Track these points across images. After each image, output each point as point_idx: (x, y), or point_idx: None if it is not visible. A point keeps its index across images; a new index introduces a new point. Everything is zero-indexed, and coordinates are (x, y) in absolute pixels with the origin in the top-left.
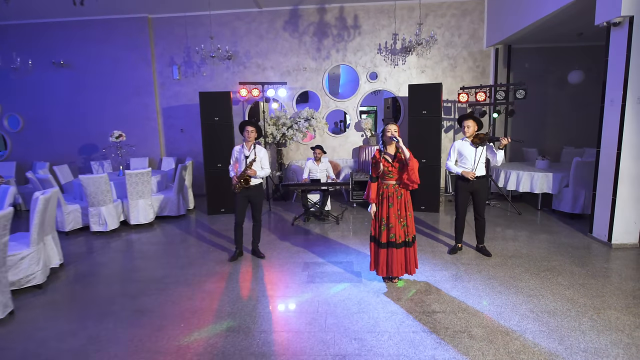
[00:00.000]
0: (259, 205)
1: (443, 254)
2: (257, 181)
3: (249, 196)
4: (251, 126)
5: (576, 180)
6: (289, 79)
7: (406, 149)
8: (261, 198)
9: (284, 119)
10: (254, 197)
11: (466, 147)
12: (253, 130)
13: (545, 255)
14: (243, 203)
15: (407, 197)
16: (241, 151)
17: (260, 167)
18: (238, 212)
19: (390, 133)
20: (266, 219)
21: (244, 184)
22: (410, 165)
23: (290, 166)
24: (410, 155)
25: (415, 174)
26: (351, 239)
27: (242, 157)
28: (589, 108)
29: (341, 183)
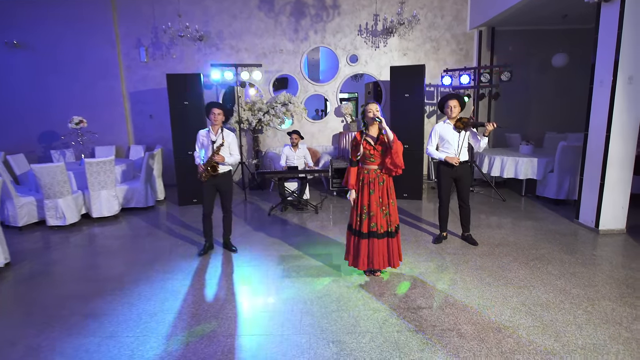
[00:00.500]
0: (229, 194)
1: (427, 244)
2: (225, 168)
3: (217, 185)
4: (218, 108)
5: (561, 165)
6: (264, 62)
7: (390, 130)
8: (230, 187)
9: (260, 103)
10: (222, 185)
11: (448, 131)
12: (220, 112)
13: (532, 243)
14: (211, 192)
15: (390, 183)
16: (207, 136)
17: (228, 153)
18: (206, 202)
19: (372, 113)
20: (241, 209)
21: (211, 171)
22: (394, 148)
23: (267, 153)
24: (394, 138)
25: (399, 157)
26: (331, 229)
27: (208, 143)
28: (573, 93)
29: (320, 170)
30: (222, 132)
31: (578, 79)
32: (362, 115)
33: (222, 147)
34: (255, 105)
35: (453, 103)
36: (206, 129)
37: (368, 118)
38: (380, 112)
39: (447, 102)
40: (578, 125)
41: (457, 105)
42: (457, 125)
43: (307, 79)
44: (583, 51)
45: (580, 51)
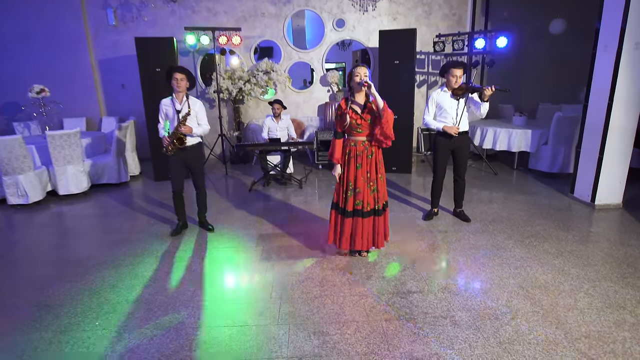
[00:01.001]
0: (199, 169)
1: (418, 220)
2: (193, 141)
3: (185, 160)
4: (179, 72)
5: (556, 137)
6: (245, 27)
7: (379, 97)
8: (200, 161)
9: (241, 71)
10: (191, 160)
11: (446, 99)
12: (183, 77)
13: (527, 219)
14: (179, 168)
15: (379, 156)
16: (171, 105)
17: (196, 123)
18: (174, 179)
19: (360, 77)
20: (222, 184)
21: (178, 144)
22: (384, 117)
23: (249, 125)
24: (384, 105)
25: (389, 127)
26: (316, 205)
27: (173, 113)
28: (568, 62)
29: (304, 142)
30: (187, 100)
31: (574, 48)
32: (348, 80)
33: (189, 117)
34: (235, 74)
35: (458, 72)
36: (169, 98)
37: (354, 83)
38: (369, 78)
39: (451, 70)
40: (572, 96)
41: (462, 76)
42: (455, 92)
43: (291, 45)
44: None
45: (579, 17)
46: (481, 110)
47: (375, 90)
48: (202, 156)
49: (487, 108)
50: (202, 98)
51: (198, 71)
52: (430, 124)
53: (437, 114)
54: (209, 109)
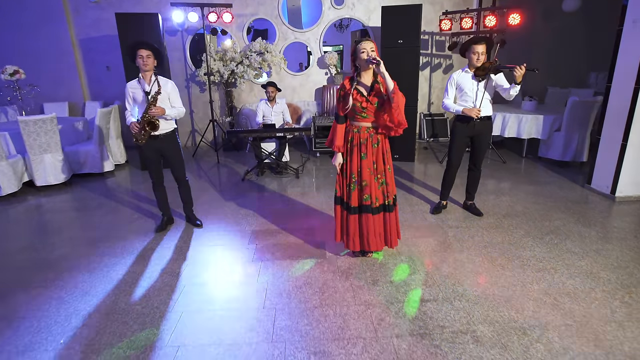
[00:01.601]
0: (177, 159)
1: (425, 214)
2: (167, 128)
3: (160, 150)
4: (145, 48)
5: (570, 124)
6: (236, 4)
7: (389, 77)
8: (177, 150)
9: (232, 52)
10: (166, 150)
11: (467, 81)
12: (149, 54)
13: (543, 213)
14: (154, 158)
15: (386, 145)
16: (139, 87)
17: (169, 105)
18: (151, 171)
19: (366, 53)
20: (214, 174)
21: (150, 129)
22: (394, 101)
23: (242, 110)
24: (394, 87)
25: (401, 113)
26: (314, 196)
27: (142, 96)
28: (577, 44)
29: (301, 129)
30: (156, 79)
31: (584, 29)
32: (353, 56)
33: (160, 97)
34: (226, 55)
35: (480, 49)
36: (135, 80)
37: (361, 60)
38: (376, 51)
39: (472, 47)
40: (581, 80)
41: (485, 52)
42: (477, 73)
43: (287, 24)
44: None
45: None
46: (510, 92)
47: (384, 69)
48: (178, 145)
49: (517, 91)
50: (192, 81)
51: (187, 52)
52: (450, 107)
53: (458, 97)
54: (199, 92)
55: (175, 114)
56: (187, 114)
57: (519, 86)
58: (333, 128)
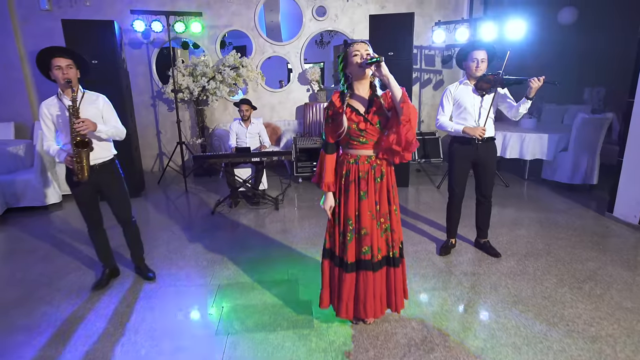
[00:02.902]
0: (119, 195)
1: (432, 256)
2: (103, 154)
3: (95, 183)
4: (62, 56)
5: (579, 143)
6: (209, 14)
7: (395, 82)
8: (118, 184)
9: (204, 66)
10: (104, 183)
11: (467, 95)
12: (70, 64)
13: (570, 251)
14: (87, 194)
15: (391, 177)
16: (58, 105)
17: (101, 120)
18: (86, 211)
19: (359, 57)
20: (179, 205)
21: (83, 149)
22: (404, 114)
23: (215, 131)
24: (403, 95)
25: (412, 130)
26: (296, 233)
27: (64, 116)
28: (573, 58)
29: (280, 152)
30: (83, 95)
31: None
32: (341, 65)
33: (87, 110)
34: (197, 69)
35: (481, 55)
36: (53, 97)
37: (353, 67)
38: None
39: (471, 54)
40: (578, 96)
41: (486, 60)
42: (480, 86)
43: (264, 36)
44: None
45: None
46: (520, 110)
47: (388, 73)
48: (119, 176)
49: (527, 109)
50: (159, 98)
51: (153, 66)
52: (446, 126)
53: (455, 114)
54: (167, 111)
55: (112, 132)
56: (153, 136)
57: (530, 102)
58: (321, 160)
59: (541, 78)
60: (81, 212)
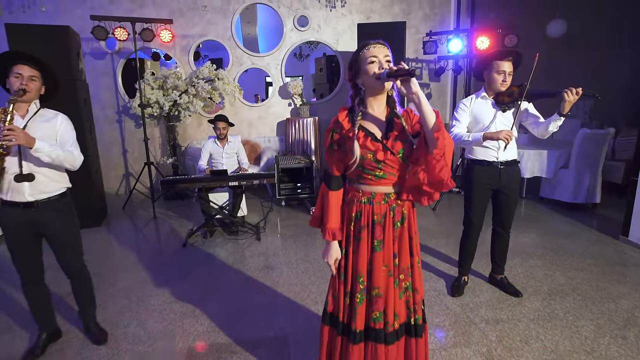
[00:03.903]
0: (69, 241)
1: (443, 298)
2: (50, 187)
3: (36, 225)
4: (28, 64)
5: (580, 160)
6: (181, 22)
7: (426, 101)
8: (68, 227)
9: (175, 79)
10: (48, 227)
11: (487, 111)
12: (34, 75)
13: (595, 285)
14: (25, 239)
15: (414, 222)
16: None
17: (53, 140)
18: (21, 264)
19: (377, 64)
20: (147, 235)
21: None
22: (439, 146)
23: (188, 150)
24: (437, 121)
25: (448, 168)
26: (282, 271)
27: None
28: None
29: (260, 175)
30: (37, 110)
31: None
32: (352, 70)
33: (37, 129)
34: (167, 82)
35: (507, 67)
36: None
37: (368, 78)
38: (392, 61)
39: (495, 65)
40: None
41: (512, 72)
42: (501, 99)
43: (242, 47)
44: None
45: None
46: (550, 127)
47: (417, 87)
48: (70, 218)
49: (558, 127)
50: (125, 114)
51: (119, 78)
52: (462, 136)
53: (473, 130)
54: (134, 128)
55: (60, 157)
56: (119, 155)
57: (562, 120)
58: (322, 197)
59: (578, 90)
60: (13, 261)
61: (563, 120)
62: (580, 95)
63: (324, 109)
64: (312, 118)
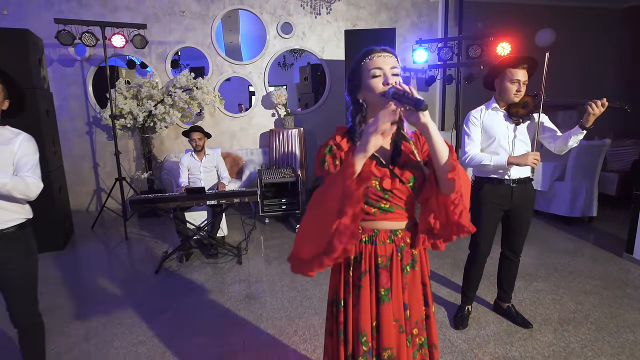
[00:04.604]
0: (23, 283)
1: (445, 331)
2: (4, 219)
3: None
4: None
5: (576, 172)
6: (157, 28)
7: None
8: (25, 265)
9: (149, 87)
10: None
11: (499, 124)
12: None
13: (608, 312)
14: None
15: (426, 263)
16: None
17: (10, 171)
18: None
19: (383, 79)
20: (116, 258)
21: None
22: (455, 187)
23: (165, 164)
24: (452, 160)
25: (466, 211)
26: (266, 301)
27: None
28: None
29: (241, 193)
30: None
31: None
32: (353, 82)
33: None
34: (141, 91)
35: (522, 76)
36: None
37: (371, 94)
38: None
39: (508, 73)
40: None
41: (527, 81)
42: (514, 111)
43: (222, 55)
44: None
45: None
46: (570, 142)
47: (429, 119)
48: (25, 254)
49: (578, 142)
50: (96, 125)
51: (89, 87)
52: (481, 159)
53: (484, 146)
54: (106, 140)
55: (9, 187)
56: (89, 169)
57: (584, 133)
58: (306, 225)
59: (604, 101)
60: None
61: (582, 135)
62: (606, 107)
63: (310, 119)
64: (297, 129)
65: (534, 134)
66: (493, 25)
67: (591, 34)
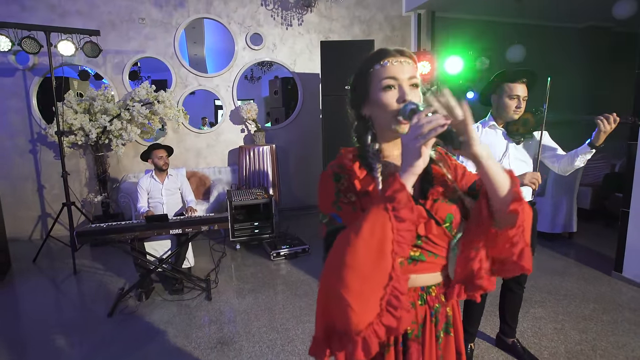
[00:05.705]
0: None
1: None
2: None
3: None
4: None
5: (557, 188)
6: (113, 35)
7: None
8: None
9: (103, 100)
10: None
11: (495, 141)
12: None
13: (615, 341)
14: None
15: (459, 326)
16: None
17: None
18: None
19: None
20: (62, 298)
21: None
22: (518, 223)
23: (122, 186)
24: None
25: (529, 246)
26: (242, 347)
27: None
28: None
29: (210, 219)
30: None
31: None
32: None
33: None
34: (94, 105)
35: (522, 91)
36: None
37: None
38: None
39: (507, 87)
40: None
41: (526, 96)
42: (514, 129)
43: (187, 66)
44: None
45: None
46: (576, 162)
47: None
48: None
49: (584, 162)
50: (41, 142)
51: (33, 100)
52: None
53: None
54: (53, 159)
55: None
56: (33, 192)
57: (591, 153)
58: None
59: (615, 117)
60: None
61: (591, 154)
62: (617, 123)
63: (281, 135)
64: (268, 145)
65: (535, 152)
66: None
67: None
